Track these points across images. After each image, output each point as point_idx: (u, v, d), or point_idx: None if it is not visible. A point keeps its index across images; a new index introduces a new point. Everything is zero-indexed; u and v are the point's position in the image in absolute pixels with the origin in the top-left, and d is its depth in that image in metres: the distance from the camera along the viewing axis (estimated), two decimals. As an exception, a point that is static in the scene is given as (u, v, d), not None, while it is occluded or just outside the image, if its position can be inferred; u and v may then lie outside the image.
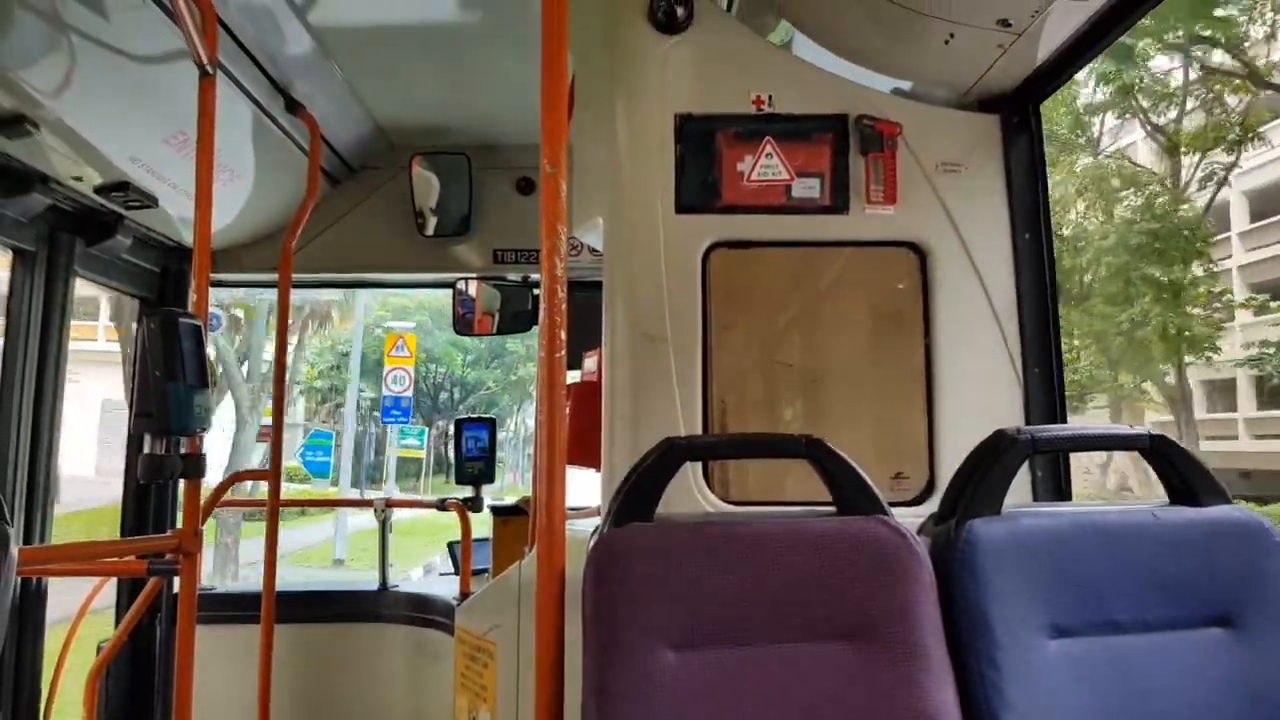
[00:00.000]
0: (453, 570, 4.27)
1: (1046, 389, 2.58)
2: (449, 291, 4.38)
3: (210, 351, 2.51)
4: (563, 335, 1.79)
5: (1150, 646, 1.76)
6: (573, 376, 3.12)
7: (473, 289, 4.36)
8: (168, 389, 2.25)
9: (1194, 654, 1.77)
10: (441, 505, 4.22)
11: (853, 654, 1.68)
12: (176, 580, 2.52)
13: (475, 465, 4.00)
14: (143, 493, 3.98)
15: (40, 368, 3.22)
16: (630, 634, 1.64)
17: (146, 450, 2.31)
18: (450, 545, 4.34)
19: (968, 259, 2.57)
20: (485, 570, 3.79)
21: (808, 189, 2.55)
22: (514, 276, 4.37)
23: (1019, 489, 2.49)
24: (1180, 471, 1.91)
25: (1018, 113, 2.64)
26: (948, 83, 2.65)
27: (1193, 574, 1.81)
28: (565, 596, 1.77)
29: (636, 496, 1.79)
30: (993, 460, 1.85)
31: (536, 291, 4.43)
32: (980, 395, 2.55)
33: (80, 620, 3.56)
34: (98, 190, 3.21)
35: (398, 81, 3.73)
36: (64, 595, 3.60)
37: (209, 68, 2.60)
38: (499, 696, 2.67)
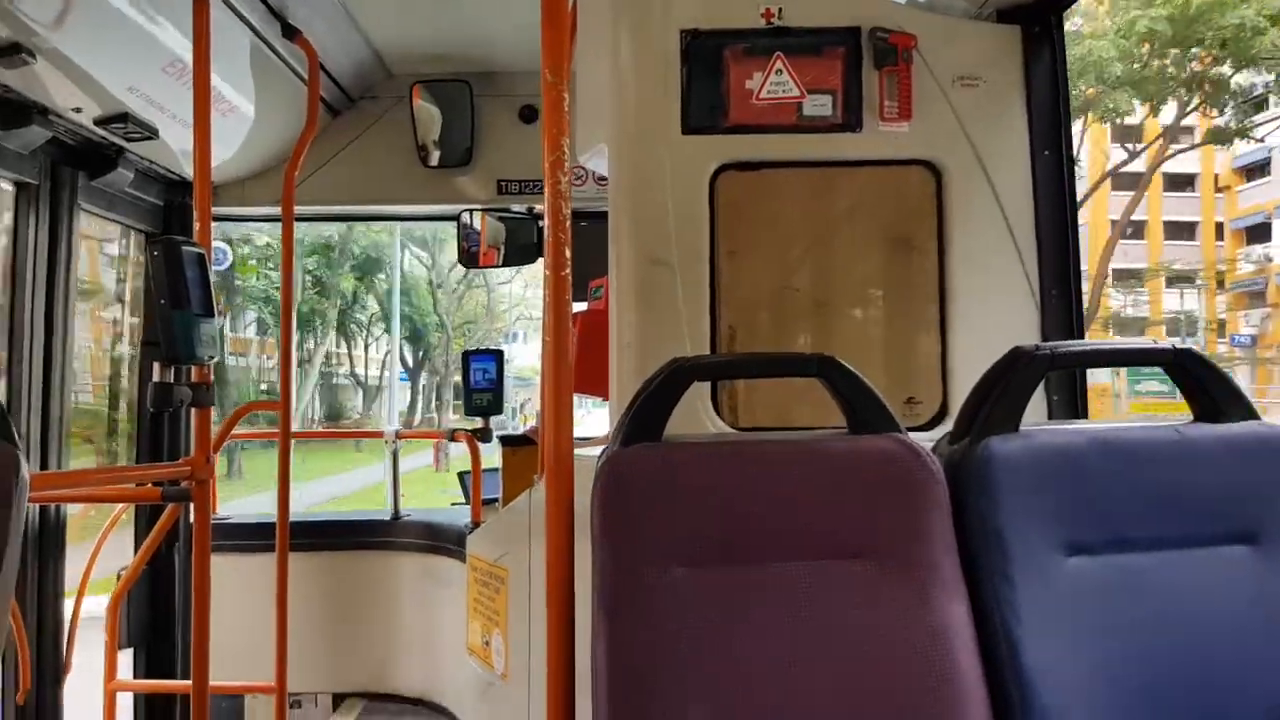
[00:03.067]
0: (464, 500, 4.32)
1: (1064, 311, 2.54)
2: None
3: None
4: (568, 254, 1.76)
5: (1170, 564, 1.74)
6: (578, 309, 3.10)
7: (477, 221, 4.32)
8: (173, 317, 2.24)
9: (1215, 571, 1.75)
10: (452, 436, 4.26)
11: (865, 571, 1.67)
12: (192, 508, 2.54)
13: (483, 396, 4.03)
14: (156, 421, 4.01)
15: (49, 300, 3.22)
16: (639, 552, 1.64)
17: (156, 378, 2.31)
18: (461, 475, 4.38)
19: (985, 177, 2.51)
20: (495, 500, 3.83)
21: (819, 107, 2.49)
22: (519, 208, 4.33)
23: (1034, 413, 2.49)
24: (1205, 387, 1.87)
25: (1039, 23, 2.54)
26: None
27: (1215, 491, 1.78)
28: (575, 521, 1.77)
29: (643, 417, 1.77)
30: (1010, 377, 1.81)
31: (542, 223, 4.38)
32: (995, 318, 2.51)
33: (100, 547, 3.62)
34: (98, 122, 3.17)
35: (396, 6, 3.65)
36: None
37: None
38: (510, 620, 2.70)
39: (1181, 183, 42.20)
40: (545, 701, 1.77)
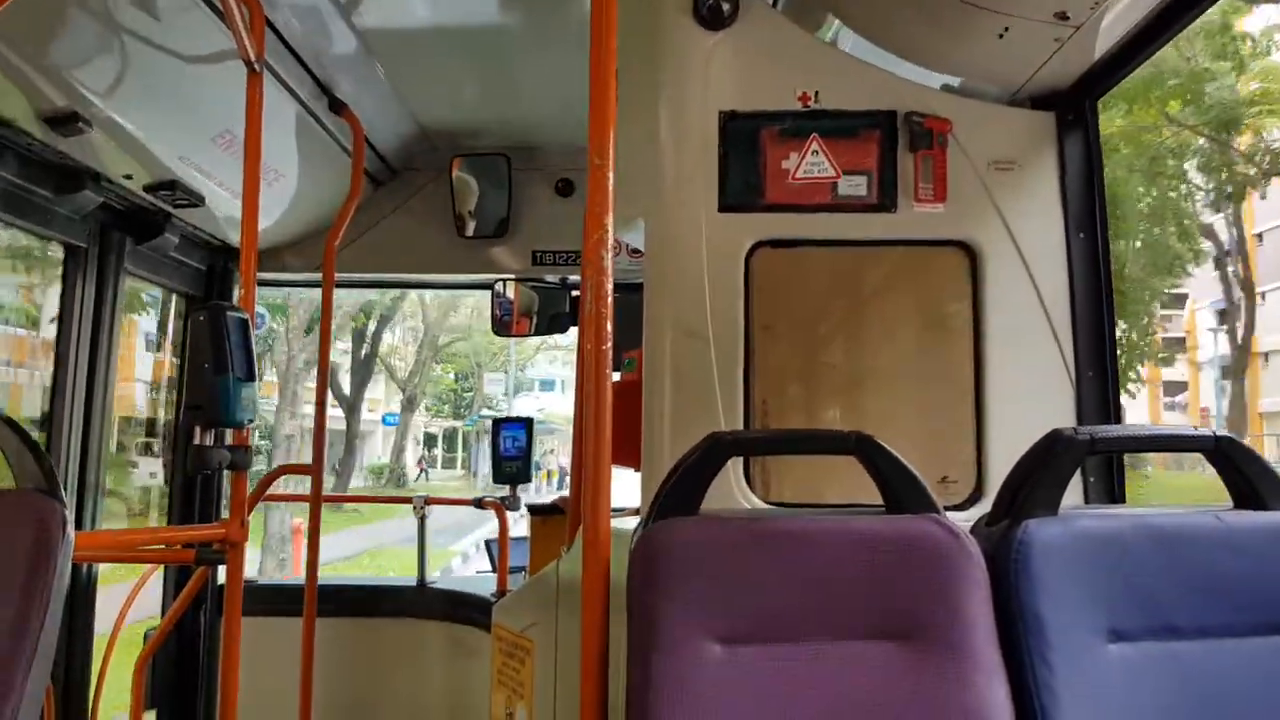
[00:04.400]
0: (490, 568, 4.30)
1: (1100, 393, 2.52)
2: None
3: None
4: (609, 328, 1.77)
5: (1212, 653, 1.72)
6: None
7: (510, 291, 4.38)
8: (216, 382, 2.27)
9: (1257, 662, 1.72)
10: (479, 503, 4.25)
11: (902, 653, 1.65)
12: (222, 571, 2.54)
13: (512, 465, 4.04)
14: (189, 484, 4.04)
15: (92, 361, 3.29)
16: (673, 627, 1.63)
17: (195, 441, 2.34)
18: (488, 543, 4.38)
19: (1020, 259, 2.52)
20: (522, 568, 3.80)
21: (854, 187, 2.52)
22: (552, 278, 4.38)
23: (1072, 496, 2.46)
24: (1246, 474, 1.85)
25: (1073, 110, 2.58)
26: (1000, 79, 2.60)
27: (1257, 579, 1.75)
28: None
29: (680, 491, 1.77)
30: (1049, 460, 1.81)
31: (575, 294, 4.45)
32: (1031, 399, 2.50)
33: (129, 607, 3.63)
34: (147, 189, 3.27)
35: (440, 83, 3.76)
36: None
37: (256, 65, 2.63)
38: (536, 693, 2.66)
39: None
40: None
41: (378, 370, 28.04)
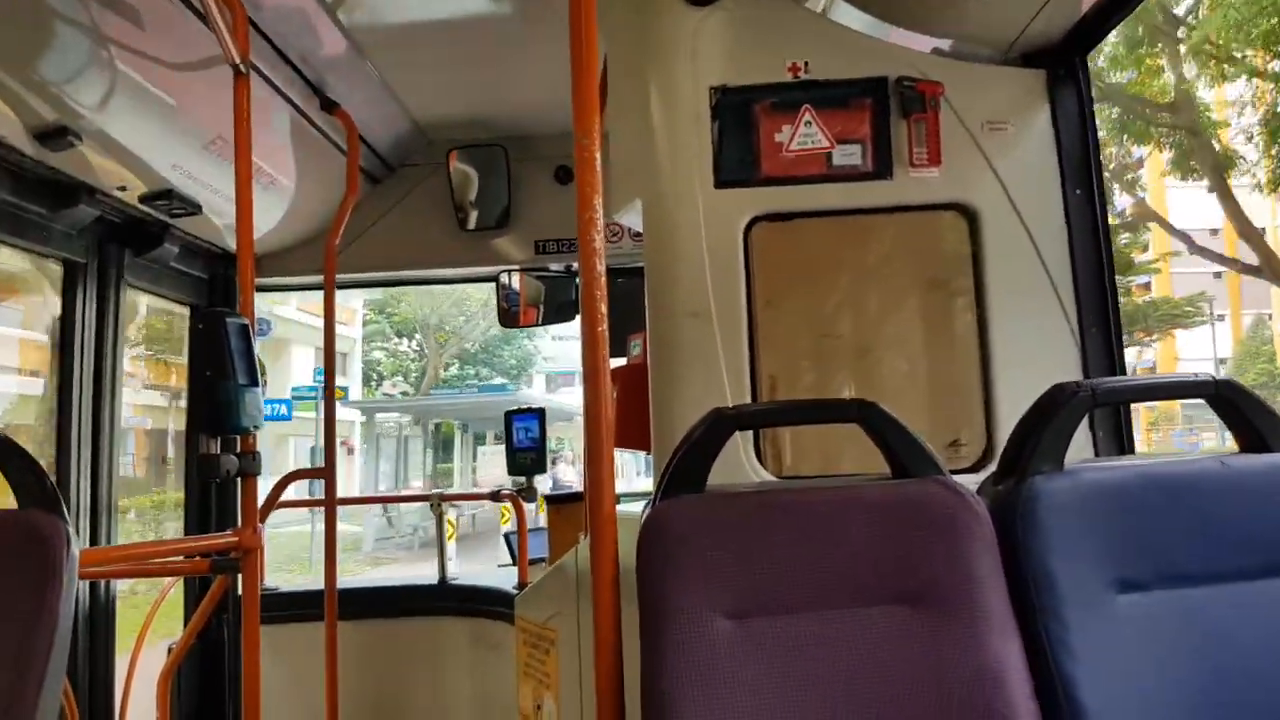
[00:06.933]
0: (510, 561, 4.31)
1: (1105, 349, 2.50)
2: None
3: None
4: (604, 309, 1.76)
5: (1223, 598, 1.70)
6: (618, 364, 3.10)
7: (516, 281, 4.37)
8: (219, 388, 2.28)
9: (1269, 604, 1.70)
10: (496, 496, 4.25)
11: (914, 616, 1.64)
12: (240, 579, 2.55)
13: (527, 456, 4.03)
14: (204, 492, 4.06)
15: (97, 375, 3.30)
16: (683, 604, 1.62)
17: (202, 450, 2.35)
18: (507, 536, 4.39)
19: (1018, 219, 2.50)
20: (542, 559, 3.81)
21: (849, 156, 2.49)
22: (556, 267, 4.37)
23: (1081, 451, 2.44)
24: (1249, 418, 1.82)
25: (1063, 65, 2.55)
26: (990, 39, 2.57)
27: (1263, 522, 1.73)
28: (621, 577, 1.75)
29: (685, 468, 1.76)
30: (1052, 415, 1.78)
31: (580, 280, 4.43)
32: (1037, 357, 2.48)
33: (150, 622, 3.64)
34: (142, 199, 3.27)
35: (432, 77, 3.74)
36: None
37: (242, 67, 2.62)
38: (562, 683, 2.66)
39: None
40: None
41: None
